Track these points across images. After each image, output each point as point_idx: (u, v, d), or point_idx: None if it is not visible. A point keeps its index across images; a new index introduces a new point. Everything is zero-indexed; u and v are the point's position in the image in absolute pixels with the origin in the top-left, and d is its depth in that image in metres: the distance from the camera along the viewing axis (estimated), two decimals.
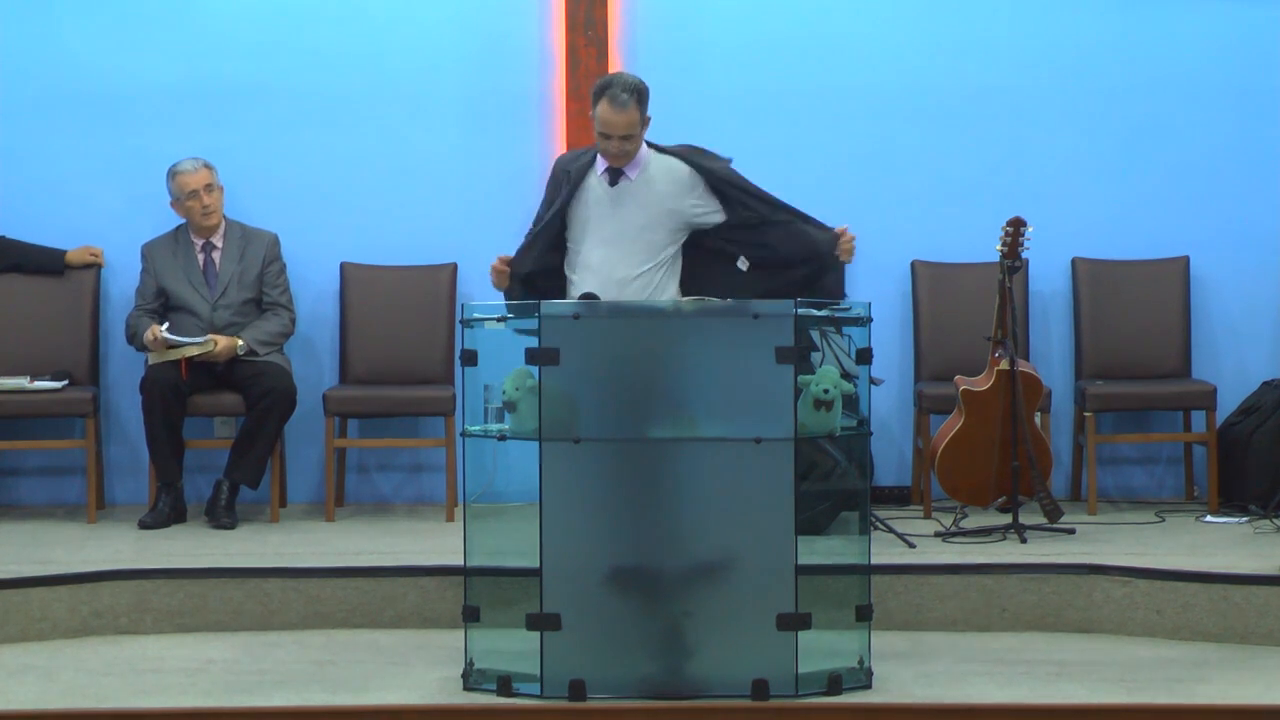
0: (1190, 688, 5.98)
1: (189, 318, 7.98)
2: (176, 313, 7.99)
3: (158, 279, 8.05)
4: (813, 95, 8.49)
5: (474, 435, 6.05)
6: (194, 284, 8.03)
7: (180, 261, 8.05)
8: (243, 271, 8.06)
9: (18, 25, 8.36)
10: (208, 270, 8.06)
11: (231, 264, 8.06)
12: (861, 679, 5.95)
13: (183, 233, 8.10)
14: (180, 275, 8.04)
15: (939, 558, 7.01)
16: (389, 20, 8.45)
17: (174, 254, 8.07)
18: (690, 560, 5.85)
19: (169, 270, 8.05)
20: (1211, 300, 8.54)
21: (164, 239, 8.13)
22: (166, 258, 8.08)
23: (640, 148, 6.58)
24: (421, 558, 7.07)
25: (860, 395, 6.12)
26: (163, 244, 8.12)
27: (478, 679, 5.95)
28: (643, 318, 6.02)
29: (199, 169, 8.01)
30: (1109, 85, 8.52)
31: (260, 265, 8.08)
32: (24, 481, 8.41)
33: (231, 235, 8.11)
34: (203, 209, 8.00)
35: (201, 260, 8.07)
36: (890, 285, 8.46)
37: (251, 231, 8.14)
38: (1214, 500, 8.03)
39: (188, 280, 8.04)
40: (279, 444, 8.05)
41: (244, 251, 8.08)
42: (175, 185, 8.01)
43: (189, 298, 8.01)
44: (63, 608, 6.69)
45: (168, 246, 8.10)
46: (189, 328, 7.92)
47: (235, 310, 8.02)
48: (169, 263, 8.06)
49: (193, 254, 8.07)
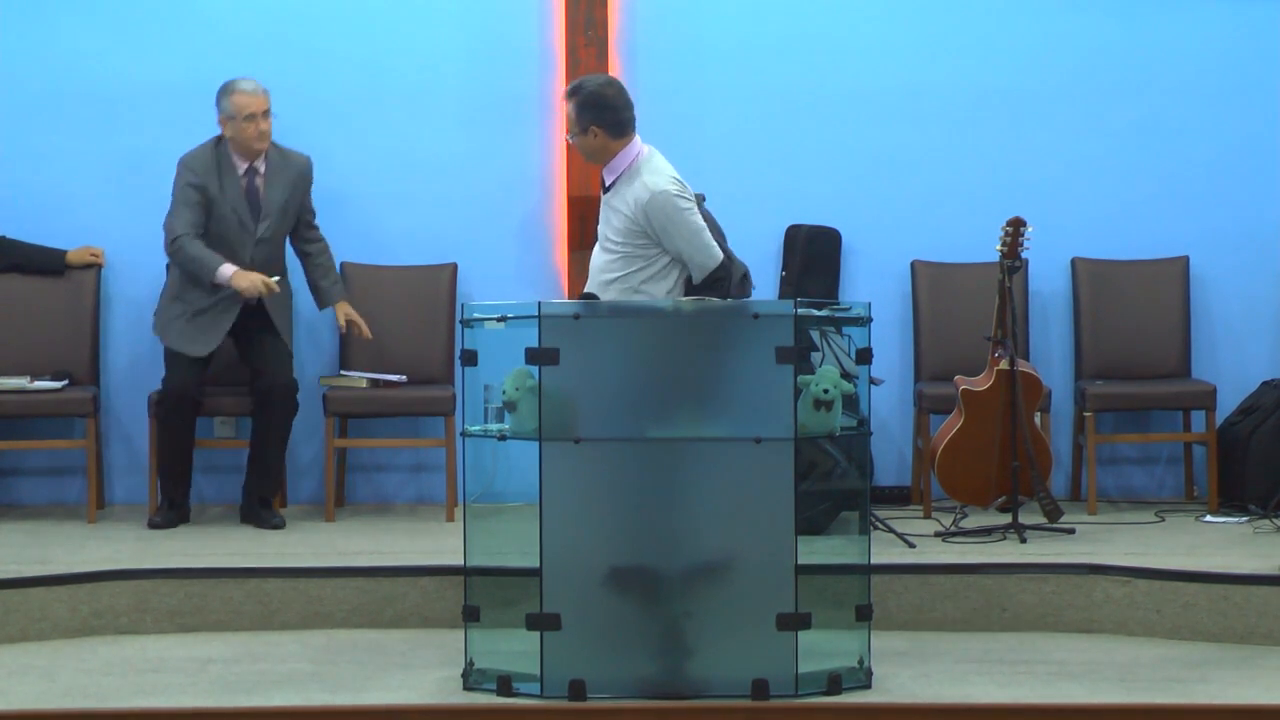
0: (1190, 688, 5.98)
1: (222, 246, 7.67)
2: (207, 238, 7.67)
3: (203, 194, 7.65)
4: (813, 95, 8.49)
5: (474, 435, 6.06)
6: (238, 212, 7.70)
7: (224, 184, 7.69)
8: (287, 200, 7.78)
9: (17, 25, 8.36)
10: (251, 196, 7.73)
11: (277, 193, 7.75)
12: (861, 679, 5.95)
13: (224, 151, 7.75)
14: (224, 200, 7.68)
15: (939, 558, 7.01)
16: (389, 20, 8.45)
17: (217, 173, 7.70)
18: (690, 560, 5.86)
19: (214, 188, 7.67)
20: (1211, 300, 8.54)
21: (203, 152, 7.75)
22: (212, 173, 7.69)
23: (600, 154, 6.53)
24: (421, 558, 7.07)
25: (860, 395, 6.12)
26: (209, 158, 7.73)
27: (478, 679, 5.95)
28: (643, 318, 6.02)
29: (259, 92, 7.70)
30: (1109, 85, 8.53)
31: (301, 192, 7.83)
32: (24, 481, 8.41)
33: (273, 160, 7.78)
34: (258, 133, 7.69)
35: (245, 185, 7.73)
36: (890, 285, 8.46)
37: (288, 154, 7.85)
38: (1214, 500, 8.03)
39: (230, 207, 7.69)
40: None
41: (287, 178, 7.77)
42: (231, 103, 7.69)
43: (231, 230, 7.68)
44: (63, 608, 6.69)
45: (209, 161, 7.72)
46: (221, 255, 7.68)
47: (274, 245, 7.77)
48: (214, 180, 7.68)
49: (235, 177, 7.71)
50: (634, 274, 6.45)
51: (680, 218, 6.38)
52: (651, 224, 6.39)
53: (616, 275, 6.47)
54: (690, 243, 6.39)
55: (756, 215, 8.39)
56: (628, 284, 6.46)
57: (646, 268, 6.45)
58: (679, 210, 6.38)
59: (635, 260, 6.45)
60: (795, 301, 5.91)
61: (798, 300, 5.95)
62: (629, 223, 6.43)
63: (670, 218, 6.37)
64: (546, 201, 8.45)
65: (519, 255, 8.48)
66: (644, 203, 6.37)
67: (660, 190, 6.37)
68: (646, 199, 6.37)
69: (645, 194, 6.38)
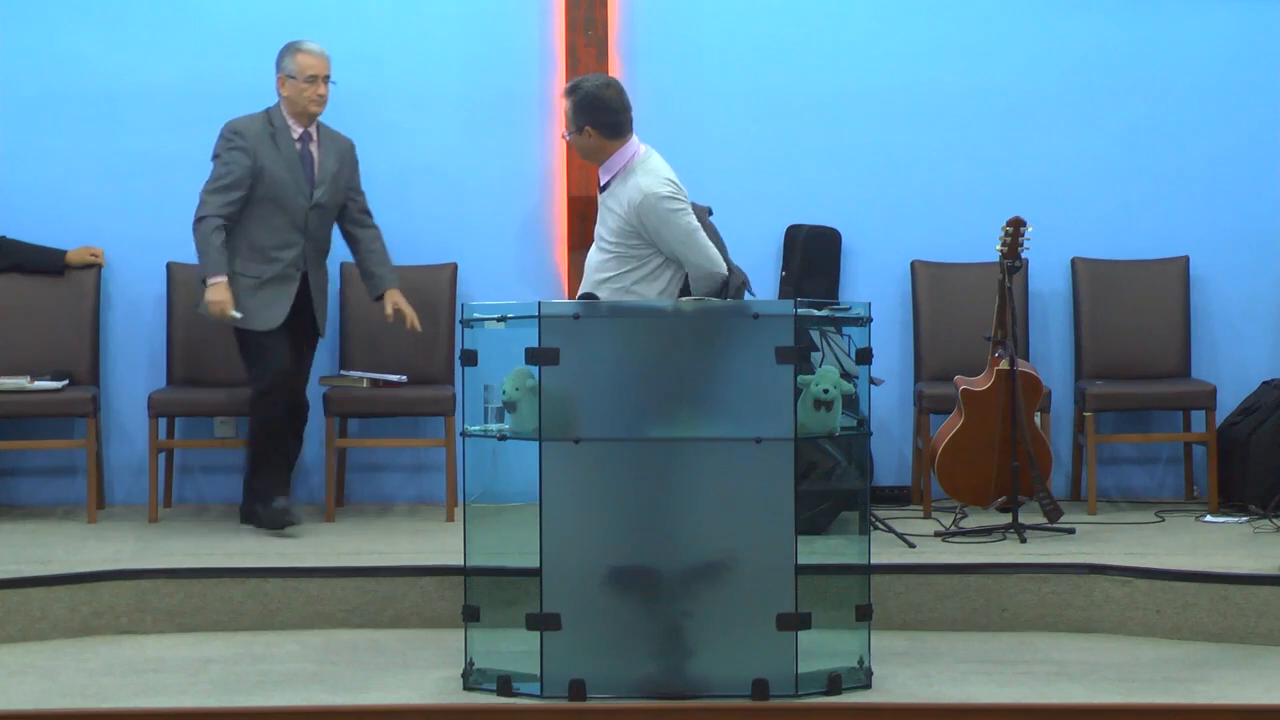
0: (1190, 688, 5.98)
1: (280, 214, 7.53)
2: (260, 204, 7.50)
3: (254, 159, 7.49)
4: (813, 95, 8.49)
5: (474, 435, 6.06)
6: (294, 175, 7.54)
7: (279, 147, 7.54)
8: (339, 172, 7.66)
9: (17, 25, 8.36)
10: (305, 161, 7.59)
11: (330, 161, 7.63)
12: (861, 679, 5.95)
13: (277, 117, 7.62)
14: (280, 162, 7.52)
15: (939, 558, 7.01)
16: (389, 20, 8.45)
17: (271, 138, 7.55)
18: (690, 560, 5.86)
19: (267, 154, 7.52)
20: (1211, 300, 8.54)
21: (254, 120, 7.61)
22: (264, 139, 7.54)
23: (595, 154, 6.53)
24: (421, 558, 7.07)
25: (860, 395, 6.13)
26: (255, 125, 7.58)
27: (478, 679, 5.95)
28: (643, 318, 6.02)
29: (323, 54, 7.60)
30: (1109, 85, 8.53)
31: (350, 170, 7.73)
32: (24, 481, 8.41)
33: (322, 131, 7.67)
34: (317, 96, 7.56)
35: (299, 149, 7.60)
36: (890, 285, 8.46)
37: (334, 133, 7.75)
38: (1214, 500, 8.03)
39: (287, 169, 7.53)
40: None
41: (336, 151, 7.68)
42: (295, 63, 7.56)
43: (287, 191, 7.52)
44: (63, 608, 6.69)
45: (262, 128, 7.57)
46: (277, 225, 7.53)
47: (327, 213, 7.62)
48: (267, 146, 7.54)
49: (290, 141, 7.58)
50: (626, 274, 6.45)
51: (672, 219, 6.37)
52: (645, 225, 6.38)
53: (609, 275, 6.47)
54: (684, 244, 6.37)
55: (756, 215, 8.40)
56: (620, 284, 6.45)
57: (639, 268, 6.44)
58: (671, 212, 6.37)
59: (628, 260, 6.45)
60: (795, 301, 5.91)
61: (798, 300, 5.95)
62: (622, 223, 6.43)
63: (663, 219, 6.36)
64: (546, 201, 8.45)
65: (519, 255, 8.48)
66: (636, 204, 6.37)
67: (651, 191, 6.36)
68: (639, 200, 6.37)
69: (638, 195, 6.38)
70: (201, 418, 8.27)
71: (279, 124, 7.59)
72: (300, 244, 7.60)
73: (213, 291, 7.52)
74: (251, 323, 7.56)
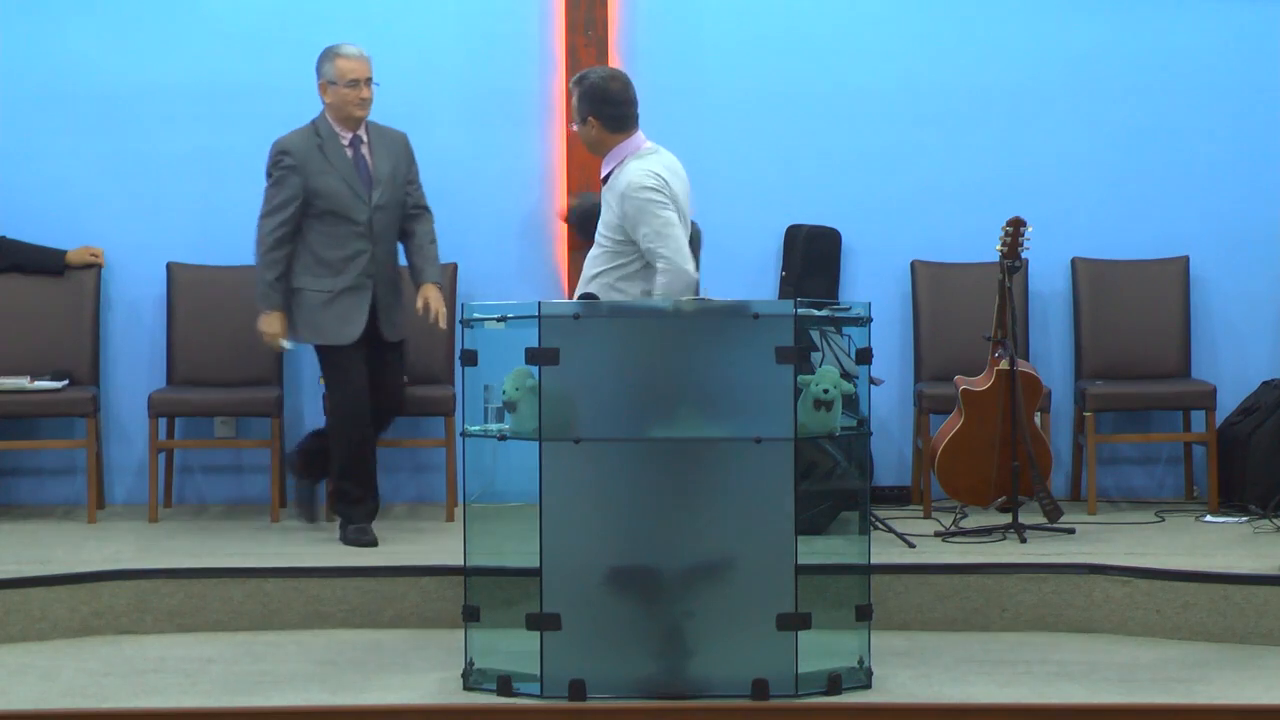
0: (1190, 688, 5.98)
1: (343, 224, 7.34)
2: (321, 219, 7.33)
3: (305, 176, 7.31)
4: (813, 95, 8.49)
5: (474, 435, 6.06)
6: (349, 183, 7.33)
7: (330, 158, 7.35)
8: (394, 169, 7.45)
9: (18, 25, 8.36)
10: (359, 167, 7.38)
11: (384, 161, 7.42)
12: (861, 679, 5.95)
13: (323, 126, 7.41)
14: (333, 173, 7.33)
15: (939, 558, 7.01)
16: (389, 19, 8.45)
17: (320, 149, 7.35)
18: (690, 560, 5.86)
19: (318, 169, 7.33)
20: (1211, 300, 8.54)
21: (301, 135, 7.40)
22: (312, 154, 7.34)
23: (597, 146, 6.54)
24: (421, 558, 7.07)
25: (860, 395, 6.12)
26: (301, 140, 7.37)
27: (478, 679, 5.95)
28: (643, 318, 6.02)
29: (363, 56, 7.40)
30: (1109, 85, 8.53)
31: (405, 164, 7.51)
32: (24, 481, 8.41)
33: (373, 132, 7.46)
34: (359, 99, 7.36)
35: (351, 155, 7.39)
36: (890, 285, 8.46)
37: (385, 129, 7.53)
38: (1214, 500, 8.03)
39: (342, 179, 7.33)
40: (280, 444, 8.03)
41: (389, 149, 7.47)
42: (335, 68, 7.36)
43: (345, 200, 7.32)
44: (63, 608, 6.69)
45: (308, 141, 7.36)
46: (340, 236, 7.34)
47: (391, 214, 7.41)
48: (316, 160, 7.34)
49: (340, 149, 7.37)
50: (613, 270, 6.46)
51: (649, 209, 6.35)
52: (625, 216, 6.39)
53: (600, 270, 6.48)
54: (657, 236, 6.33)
55: (756, 215, 8.40)
56: (606, 280, 6.46)
57: (625, 265, 6.44)
58: (648, 202, 6.35)
59: (617, 256, 6.46)
60: (795, 301, 5.91)
61: (798, 300, 5.95)
62: (614, 216, 6.45)
63: (640, 209, 6.36)
64: (546, 201, 8.45)
65: (519, 255, 8.48)
66: (620, 193, 6.39)
67: (633, 181, 6.37)
68: (623, 189, 6.39)
69: (624, 185, 6.40)
70: (201, 418, 8.27)
71: (326, 133, 7.39)
72: (368, 251, 7.38)
73: (262, 323, 7.39)
74: (327, 338, 7.39)
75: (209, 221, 8.39)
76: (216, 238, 8.37)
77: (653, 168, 6.41)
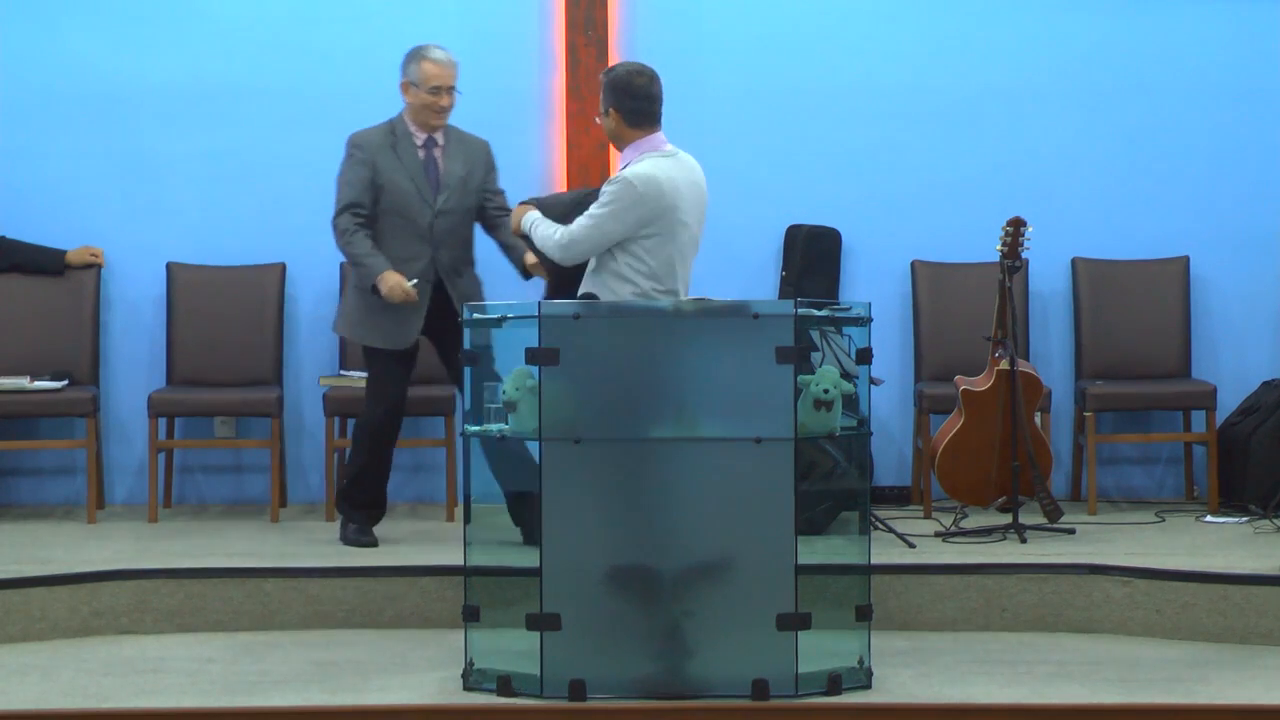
0: (1190, 688, 5.98)
1: (406, 224, 7.24)
2: (386, 216, 7.22)
3: (375, 171, 7.24)
4: (813, 95, 8.49)
5: (474, 435, 6.05)
6: (416, 183, 7.26)
7: (400, 156, 7.27)
8: (467, 175, 7.33)
9: (18, 25, 8.36)
10: (429, 168, 7.29)
11: (456, 165, 7.30)
12: (861, 679, 5.95)
13: (400, 125, 7.33)
14: (400, 171, 7.25)
15: (939, 558, 7.01)
16: (389, 20, 8.45)
17: (392, 147, 7.27)
18: (690, 560, 5.85)
19: (387, 166, 7.24)
20: (1211, 300, 8.54)
21: (376, 131, 7.32)
22: (384, 149, 7.26)
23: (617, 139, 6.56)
24: (421, 558, 7.07)
25: (860, 395, 6.12)
26: (376, 136, 7.30)
27: (478, 679, 5.95)
28: (643, 318, 6.02)
29: (452, 64, 7.28)
30: (1109, 85, 8.53)
31: (482, 171, 7.37)
32: (24, 481, 8.41)
33: (451, 136, 7.35)
34: (439, 109, 7.26)
35: (423, 157, 7.30)
36: (890, 285, 8.46)
37: (466, 135, 7.42)
38: (1214, 500, 8.03)
39: (409, 177, 7.25)
40: (280, 444, 8.04)
41: (465, 155, 7.34)
42: (420, 70, 7.26)
43: (408, 200, 7.23)
44: (63, 608, 6.69)
45: (383, 138, 7.29)
46: (403, 237, 7.24)
47: (457, 219, 7.28)
48: (387, 156, 7.25)
49: (413, 149, 7.29)
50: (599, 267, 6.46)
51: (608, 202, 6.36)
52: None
53: (593, 266, 6.50)
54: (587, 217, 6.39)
55: (756, 215, 8.41)
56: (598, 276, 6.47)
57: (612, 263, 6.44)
58: (614, 198, 6.35)
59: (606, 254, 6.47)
60: (795, 301, 5.91)
61: (798, 300, 5.95)
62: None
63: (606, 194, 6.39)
64: None
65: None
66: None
67: (622, 173, 6.42)
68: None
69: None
70: (201, 418, 8.27)
71: (401, 132, 7.31)
72: (428, 254, 7.26)
73: (383, 285, 7.15)
74: (378, 340, 7.29)
75: (209, 221, 8.40)
76: (216, 238, 8.38)
77: (650, 172, 6.39)
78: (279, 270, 8.35)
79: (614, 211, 6.36)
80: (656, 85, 6.51)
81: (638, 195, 6.34)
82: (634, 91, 6.47)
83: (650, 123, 6.49)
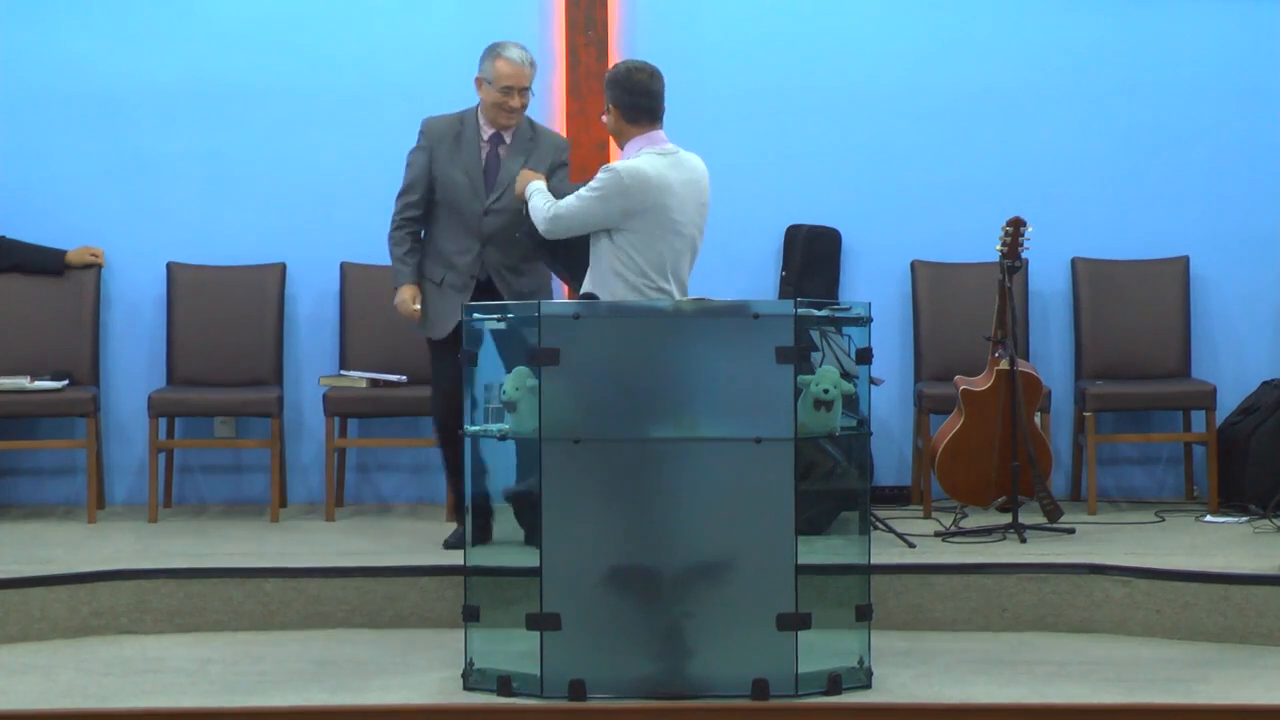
0: (1190, 688, 5.98)
1: (457, 218, 7.18)
2: (440, 208, 7.18)
3: (433, 160, 7.20)
4: (813, 95, 8.49)
5: (474, 435, 6.05)
6: (471, 178, 7.17)
7: (461, 148, 7.20)
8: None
9: (18, 25, 8.36)
10: (489, 166, 7.19)
11: (516, 165, 7.14)
12: (861, 679, 5.95)
13: (470, 117, 7.26)
14: (456, 164, 7.18)
15: (939, 558, 7.01)
16: (389, 20, 8.45)
17: (455, 137, 7.21)
18: (690, 560, 5.85)
19: (446, 156, 7.19)
20: (1211, 300, 8.54)
21: (447, 120, 7.28)
22: (445, 139, 7.21)
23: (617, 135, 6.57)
24: (421, 558, 7.07)
25: (860, 395, 6.12)
26: (444, 124, 7.26)
27: (478, 679, 5.94)
28: (643, 318, 6.02)
29: (527, 65, 7.18)
30: (1109, 85, 8.53)
31: (546, 169, 7.14)
32: (24, 481, 8.41)
33: (521, 133, 7.23)
34: (509, 109, 7.16)
35: (484, 153, 7.20)
36: (890, 285, 8.46)
37: (541, 130, 7.34)
38: (1214, 500, 8.03)
39: (464, 171, 7.18)
40: (280, 444, 8.03)
41: (531, 152, 7.20)
42: (494, 68, 7.16)
43: (460, 194, 7.16)
44: (63, 608, 6.69)
45: (449, 127, 7.24)
46: (455, 230, 7.18)
47: (508, 218, 7.09)
48: (446, 146, 7.20)
49: (477, 143, 7.20)
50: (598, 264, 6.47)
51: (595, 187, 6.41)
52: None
53: (592, 264, 6.50)
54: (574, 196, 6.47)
55: (756, 215, 8.40)
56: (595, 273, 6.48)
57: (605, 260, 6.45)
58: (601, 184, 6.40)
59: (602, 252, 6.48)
60: (795, 301, 5.91)
61: (798, 300, 5.95)
62: None
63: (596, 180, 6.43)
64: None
65: None
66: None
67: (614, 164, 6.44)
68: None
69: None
70: (201, 418, 8.27)
71: (469, 124, 7.24)
72: (475, 250, 7.18)
73: (395, 295, 7.24)
74: (423, 329, 7.27)
75: (209, 221, 8.40)
76: (216, 238, 8.38)
77: (640, 167, 6.40)
78: (279, 270, 8.35)
79: (599, 197, 6.42)
80: (657, 82, 6.51)
81: (623, 186, 6.37)
82: (632, 87, 6.47)
83: (649, 119, 6.49)
